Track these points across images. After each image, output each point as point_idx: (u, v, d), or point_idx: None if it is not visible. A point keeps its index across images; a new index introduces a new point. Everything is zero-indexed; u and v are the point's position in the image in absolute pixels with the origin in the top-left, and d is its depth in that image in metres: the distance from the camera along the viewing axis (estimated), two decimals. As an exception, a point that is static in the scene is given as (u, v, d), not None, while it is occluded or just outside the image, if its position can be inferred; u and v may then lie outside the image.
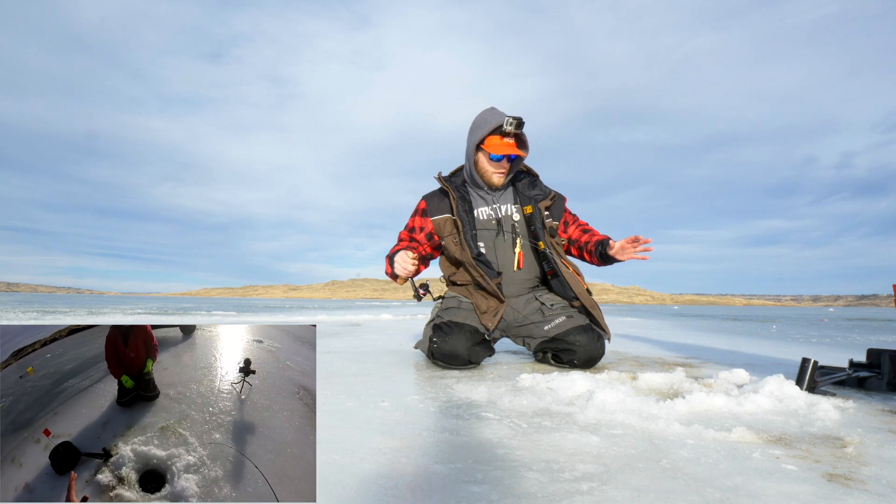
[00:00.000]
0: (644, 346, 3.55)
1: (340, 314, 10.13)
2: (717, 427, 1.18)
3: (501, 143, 2.18)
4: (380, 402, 1.43)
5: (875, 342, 4.80)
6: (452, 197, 2.28)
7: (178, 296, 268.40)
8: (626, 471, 0.89)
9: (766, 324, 9.22)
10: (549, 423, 1.20)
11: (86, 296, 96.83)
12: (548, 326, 2.24)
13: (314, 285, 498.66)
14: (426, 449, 1.00)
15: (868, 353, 1.91)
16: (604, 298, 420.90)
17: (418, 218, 2.38)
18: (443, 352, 2.09)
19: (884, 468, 0.94)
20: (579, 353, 2.15)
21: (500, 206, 2.31)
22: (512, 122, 2.14)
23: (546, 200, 2.31)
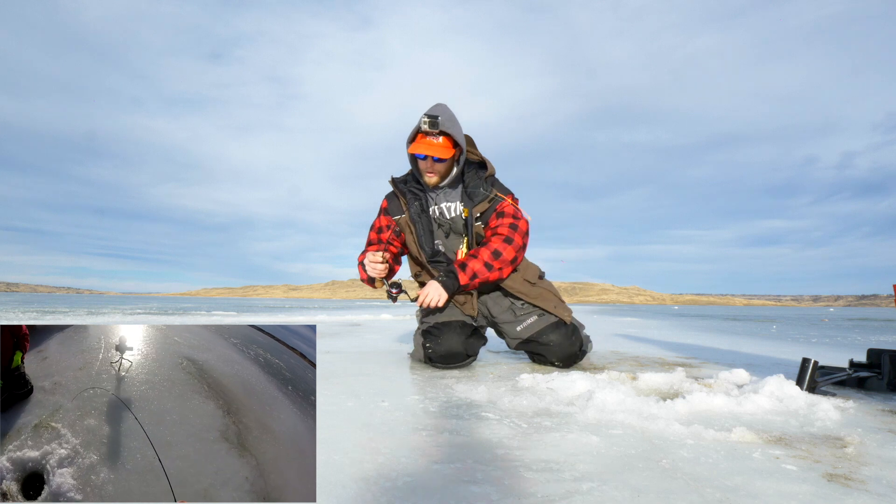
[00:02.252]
0: (644, 346, 3.55)
1: (340, 314, 10.13)
2: (717, 427, 1.18)
3: (422, 142, 2.10)
4: (380, 402, 1.43)
5: (875, 342, 4.80)
6: (402, 200, 2.27)
7: (178, 296, 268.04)
8: (625, 471, 0.89)
9: (766, 324, 9.22)
10: (549, 423, 1.20)
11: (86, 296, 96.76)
12: (520, 327, 2.24)
13: (314, 285, 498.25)
14: (426, 449, 1.00)
15: (868, 353, 1.91)
16: (604, 298, 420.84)
17: (383, 217, 2.37)
18: (439, 353, 2.10)
19: (884, 468, 0.94)
20: (555, 352, 2.17)
21: (450, 204, 2.25)
22: (426, 120, 2.06)
23: (483, 203, 2.20)
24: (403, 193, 2.28)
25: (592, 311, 17.86)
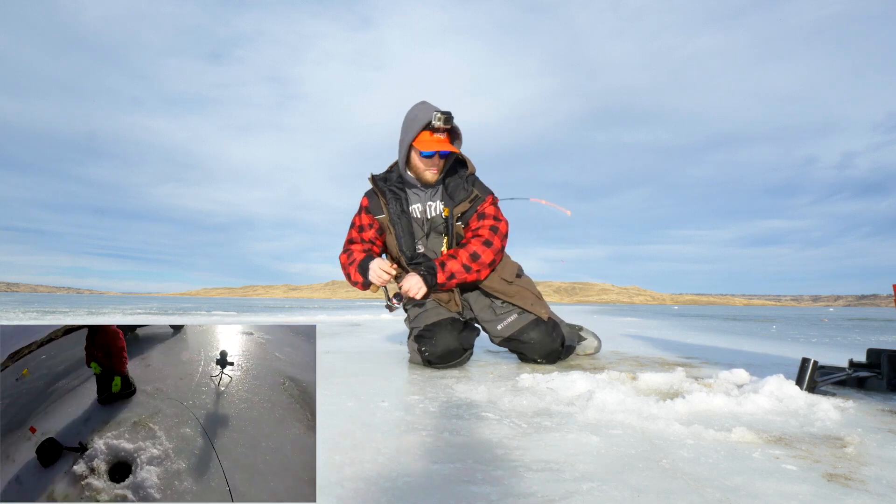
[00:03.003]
0: (644, 346, 3.55)
1: (340, 314, 10.13)
2: (717, 427, 1.18)
3: (431, 139, 2.09)
4: (380, 402, 1.43)
5: (875, 342, 4.80)
6: (383, 201, 2.24)
7: (178, 296, 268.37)
8: (625, 471, 0.89)
9: (766, 324, 9.22)
10: (549, 423, 1.20)
11: (86, 296, 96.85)
12: (500, 326, 2.27)
13: (314, 285, 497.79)
14: (426, 449, 1.00)
15: (868, 353, 1.91)
16: (604, 298, 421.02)
17: (364, 216, 2.32)
18: (436, 354, 2.09)
19: (884, 468, 0.94)
20: (537, 349, 2.21)
21: (431, 203, 2.24)
22: (440, 117, 2.05)
23: (464, 203, 2.20)
24: (383, 192, 2.23)
25: (592, 311, 17.86)
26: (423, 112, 2.10)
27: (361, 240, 2.33)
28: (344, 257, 2.30)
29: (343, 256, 2.31)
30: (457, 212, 2.20)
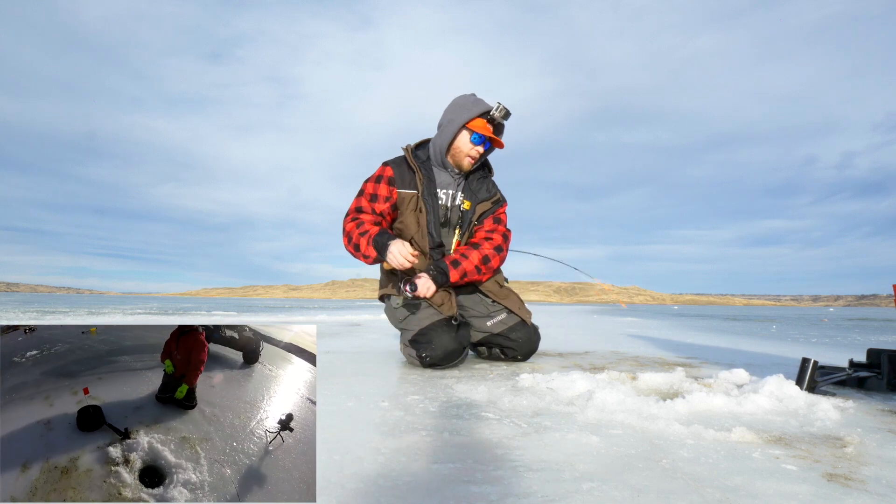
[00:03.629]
0: (644, 346, 3.55)
1: (340, 314, 10.13)
2: (717, 427, 1.18)
3: (484, 126, 2.15)
4: (380, 402, 1.43)
5: (875, 342, 4.80)
6: (420, 177, 2.19)
7: (178, 296, 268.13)
8: (625, 471, 0.89)
9: (766, 324, 9.22)
10: (549, 423, 1.20)
11: (86, 296, 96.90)
12: (490, 322, 2.33)
13: (314, 285, 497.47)
14: (426, 449, 1.00)
15: (868, 353, 1.91)
16: (604, 299, 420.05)
17: (384, 185, 2.19)
18: (438, 356, 2.07)
19: (884, 468, 0.94)
20: (522, 347, 2.33)
21: (453, 192, 2.26)
22: (503, 109, 2.13)
23: (486, 203, 2.27)
24: (420, 167, 2.21)
25: (592, 311, 17.87)
26: (481, 101, 2.19)
27: (372, 210, 2.19)
28: (352, 225, 2.15)
29: (350, 224, 2.16)
30: (479, 209, 2.28)
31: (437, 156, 2.22)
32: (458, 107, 2.18)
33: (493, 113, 2.12)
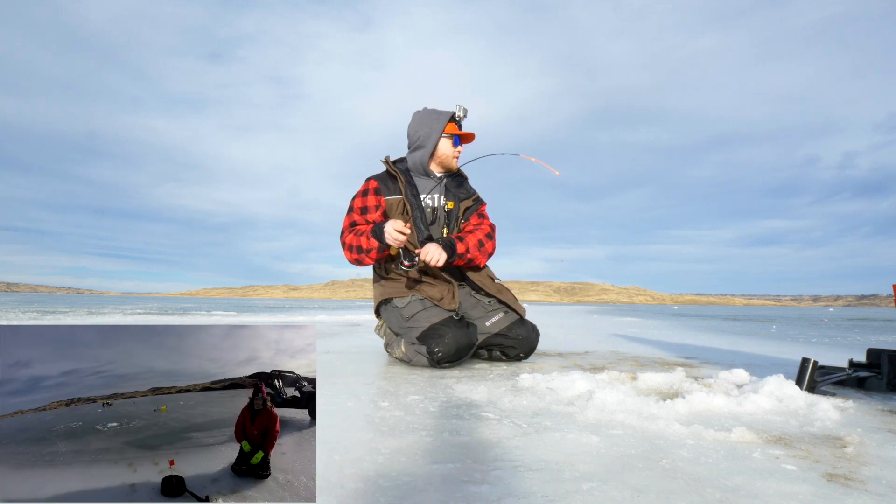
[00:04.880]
0: (644, 346, 3.55)
1: (340, 314, 10.13)
2: (717, 427, 1.18)
3: (455, 128, 2.39)
4: (380, 402, 1.43)
5: (875, 342, 4.80)
6: (401, 181, 2.35)
7: (178, 296, 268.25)
8: (625, 471, 0.88)
9: (766, 324, 9.22)
10: (549, 423, 1.20)
11: (86, 296, 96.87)
12: (488, 322, 2.36)
13: (314, 285, 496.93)
14: (426, 449, 1.00)
15: (868, 353, 1.91)
16: (604, 298, 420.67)
17: (371, 197, 2.35)
18: (450, 352, 2.07)
19: (884, 468, 0.94)
20: (523, 345, 2.36)
21: (434, 195, 2.42)
22: (463, 109, 2.38)
23: (468, 201, 2.45)
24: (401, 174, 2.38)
25: (592, 311, 17.86)
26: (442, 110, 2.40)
27: (366, 221, 2.33)
28: (350, 236, 2.26)
29: (348, 236, 2.28)
30: (462, 205, 2.43)
31: (417, 166, 2.41)
32: (429, 119, 2.39)
33: (458, 115, 2.39)
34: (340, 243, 2.32)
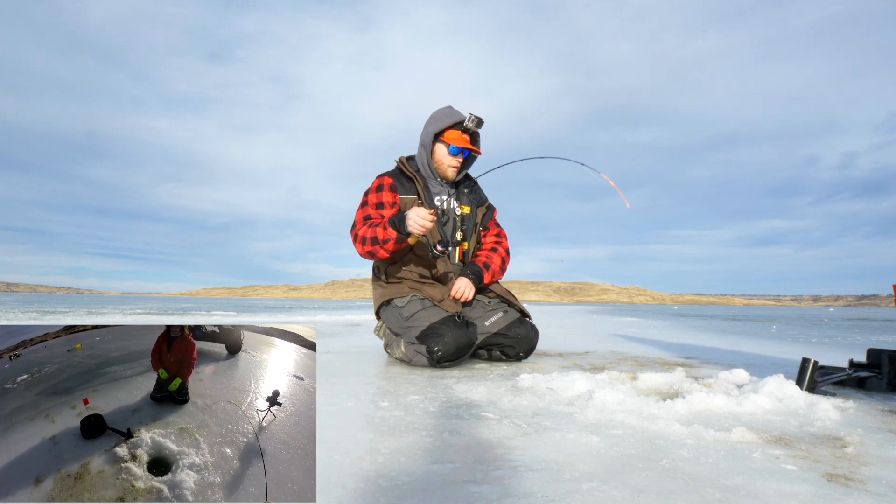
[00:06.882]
0: (644, 346, 3.55)
1: (340, 314, 10.13)
2: (717, 427, 1.18)
3: (460, 137, 2.27)
4: (380, 402, 1.43)
5: (875, 342, 4.80)
6: (419, 183, 2.31)
7: (178, 296, 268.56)
8: (625, 471, 0.88)
9: (766, 324, 9.22)
10: (549, 423, 1.20)
11: (86, 296, 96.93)
12: (488, 322, 2.36)
13: (314, 285, 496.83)
14: (426, 449, 1.00)
15: (868, 353, 1.91)
16: (604, 298, 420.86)
17: (386, 193, 2.27)
18: (450, 351, 2.07)
19: (884, 468, 0.94)
20: (523, 344, 2.35)
21: (444, 198, 2.39)
22: (474, 119, 2.23)
23: (483, 207, 2.47)
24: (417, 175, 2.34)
25: (592, 311, 17.86)
26: (454, 112, 2.29)
27: (381, 217, 2.24)
28: (364, 228, 2.18)
29: (363, 229, 2.19)
30: (479, 212, 2.44)
31: (424, 168, 2.36)
32: (432, 120, 2.31)
33: (466, 123, 2.24)
34: (352, 237, 2.24)
